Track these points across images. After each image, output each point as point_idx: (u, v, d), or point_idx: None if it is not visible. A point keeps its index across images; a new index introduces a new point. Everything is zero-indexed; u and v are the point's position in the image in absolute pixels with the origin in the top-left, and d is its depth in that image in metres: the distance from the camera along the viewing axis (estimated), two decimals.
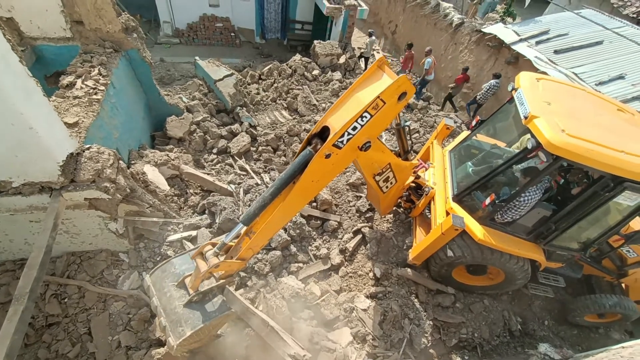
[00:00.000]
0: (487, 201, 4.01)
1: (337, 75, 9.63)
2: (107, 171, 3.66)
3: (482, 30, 10.19)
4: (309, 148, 2.89)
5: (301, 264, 5.03)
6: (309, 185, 2.98)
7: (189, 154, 6.19)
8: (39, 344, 3.76)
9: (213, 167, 6.27)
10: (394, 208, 5.64)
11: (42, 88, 3.11)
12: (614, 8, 13.23)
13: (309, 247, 5.27)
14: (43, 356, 3.67)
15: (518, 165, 4.00)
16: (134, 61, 5.82)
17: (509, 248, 4.14)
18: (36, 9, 4.75)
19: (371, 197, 5.38)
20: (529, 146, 3.51)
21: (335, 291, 4.84)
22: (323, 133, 2.96)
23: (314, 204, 5.76)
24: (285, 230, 5.15)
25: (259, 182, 5.97)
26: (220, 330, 3.47)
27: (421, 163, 5.15)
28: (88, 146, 3.74)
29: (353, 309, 4.59)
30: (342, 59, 10.29)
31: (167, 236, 4.57)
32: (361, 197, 6.05)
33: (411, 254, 4.76)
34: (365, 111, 2.83)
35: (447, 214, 4.38)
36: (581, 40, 9.07)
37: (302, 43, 13.93)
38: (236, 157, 6.57)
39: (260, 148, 6.90)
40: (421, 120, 8.74)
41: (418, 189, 5.08)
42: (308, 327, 4.17)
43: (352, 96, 3.05)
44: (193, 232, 4.74)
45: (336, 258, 5.15)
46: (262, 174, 6.27)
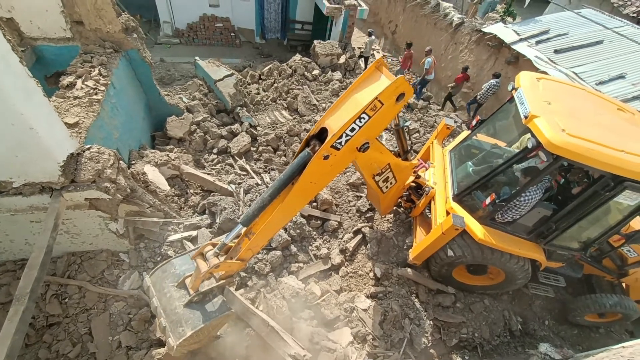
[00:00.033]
0: (488, 201, 4.01)
1: (337, 75, 9.64)
2: (108, 171, 3.66)
3: (482, 30, 10.19)
4: (307, 149, 2.88)
5: (301, 264, 5.03)
6: (308, 186, 2.98)
7: (189, 154, 6.19)
8: (40, 344, 3.77)
9: (213, 167, 6.28)
10: (394, 208, 5.64)
11: (43, 88, 3.11)
12: (614, 7, 13.23)
13: (310, 247, 5.28)
14: (44, 356, 3.67)
15: (518, 164, 4.00)
16: (134, 61, 5.83)
17: (510, 248, 4.14)
18: (36, 9, 4.75)
19: (371, 197, 5.39)
20: (529, 146, 3.51)
21: (335, 291, 4.84)
22: (321, 134, 2.95)
23: (314, 204, 5.77)
24: (285, 230, 5.15)
25: (259, 182, 5.98)
26: (220, 331, 3.47)
27: (421, 163, 5.15)
28: (88, 146, 3.75)
29: (353, 309, 4.59)
30: (342, 59, 10.30)
31: (168, 236, 4.57)
32: (361, 197, 6.05)
33: (411, 254, 4.76)
34: (363, 112, 2.82)
35: (448, 214, 4.39)
36: (581, 39, 9.07)
37: (302, 43, 13.93)
38: (236, 157, 6.58)
39: (260, 148, 6.91)
40: (421, 120, 8.74)
41: (418, 189, 5.08)
42: (308, 327, 4.17)
43: (350, 97, 3.04)
44: (193, 232, 4.74)
45: (336, 258, 5.15)
46: (263, 174, 6.28)
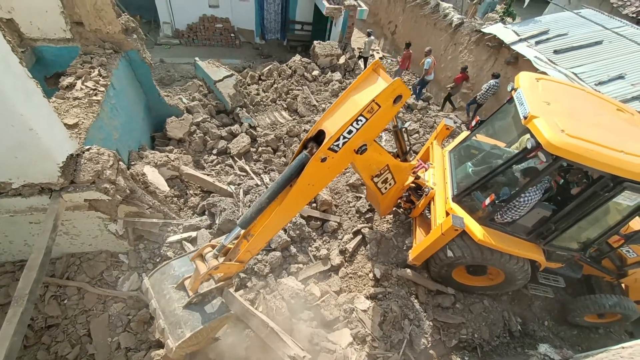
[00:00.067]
0: (487, 201, 4.01)
1: (337, 75, 9.64)
2: (107, 172, 3.66)
3: (482, 30, 10.20)
4: (305, 152, 2.88)
5: (301, 265, 5.02)
6: (305, 188, 2.97)
7: (189, 155, 6.19)
8: (39, 346, 3.76)
9: (213, 168, 6.27)
10: (394, 209, 5.64)
11: (42, 89, 3.12)
12: (614, 8, 13.24)
13: (309, 248, 5.27)
14: (42, 358, 3.67)
15: (518, 165, 4.00)
16: (134, 62, 5.83)
17: (509, 248, 4.14)
18: (36, 10, 4.76)
19: (371, 198, 5.39)
20: (529, 146, 3.51)
21: (335, 292, 4.84)
22: (319, 137, 2.95)
23: (314, 205, 5.77)
24: (285, 231, 5.15)
25: (259, 183, 5.97)
26: (219, 332, 3.47)
27: (421, 163, 5.15)
28: (88, 147, 3.75)
29: (353, 310, 4.58)
30: (342, 60, 10.30)
31: (167, 237, 4.57)
32: (361, 198, 6.05)
33: (411, 255, 4.76)
34: (360, 115, 2.82)
35: (447, 215, 4.38)
36: (581, 40, 9.07)
37: (302, 43, 13.93)
38: (236, 158, 6.58)
39: (260, 149, 6.91)
40: (421, 120, 8.74)
41: (418, 190, 5.07)
42: (308, 328, 4.17)
43: (348, 99, 3.03)
44: (193, 233, 4.73)
45: (336, 259, 5.14)
46: (262, 175, 6.27)
